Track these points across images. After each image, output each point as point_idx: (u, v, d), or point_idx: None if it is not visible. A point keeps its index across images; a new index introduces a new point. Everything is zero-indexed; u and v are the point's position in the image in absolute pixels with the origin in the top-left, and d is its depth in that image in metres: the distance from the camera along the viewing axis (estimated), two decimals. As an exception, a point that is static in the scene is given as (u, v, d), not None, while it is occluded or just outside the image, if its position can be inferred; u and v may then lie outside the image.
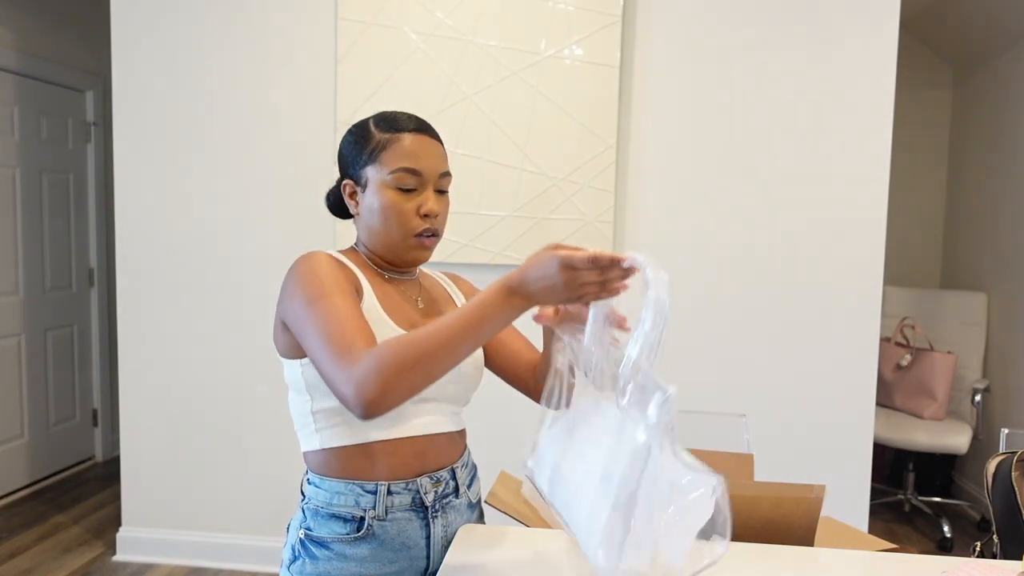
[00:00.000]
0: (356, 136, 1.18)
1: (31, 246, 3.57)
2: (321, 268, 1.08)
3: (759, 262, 2.59)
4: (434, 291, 1.27)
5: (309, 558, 1.12)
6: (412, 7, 2.58)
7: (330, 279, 1.06)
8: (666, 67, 2.58)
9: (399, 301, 1.17)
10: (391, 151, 1.13)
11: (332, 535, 1.11)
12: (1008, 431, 2.09)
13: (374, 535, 1.11)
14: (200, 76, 2.73)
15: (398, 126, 1.15)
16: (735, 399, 2.61)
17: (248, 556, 2.82)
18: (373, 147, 1.15)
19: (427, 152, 1.15)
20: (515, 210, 2.60)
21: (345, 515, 1.11)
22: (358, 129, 1.19)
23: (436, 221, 1.16)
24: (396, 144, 1.14)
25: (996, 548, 1.58)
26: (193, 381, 2.81)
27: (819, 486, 1.17)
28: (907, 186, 3.98)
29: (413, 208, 1.14)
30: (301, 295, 1.05)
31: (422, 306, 1.21)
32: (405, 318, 1.15)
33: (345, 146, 1.20)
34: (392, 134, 1.14)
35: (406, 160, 1.13)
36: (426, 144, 1.15)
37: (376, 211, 1.14)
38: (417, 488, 1.14)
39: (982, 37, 3.61)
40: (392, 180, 1.13)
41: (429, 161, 1.15)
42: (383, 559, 1.12)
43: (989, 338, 3.58)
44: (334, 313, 1.00)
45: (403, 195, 1.13)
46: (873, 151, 2.52)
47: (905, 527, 3.41)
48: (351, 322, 0.99)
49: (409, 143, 1.14)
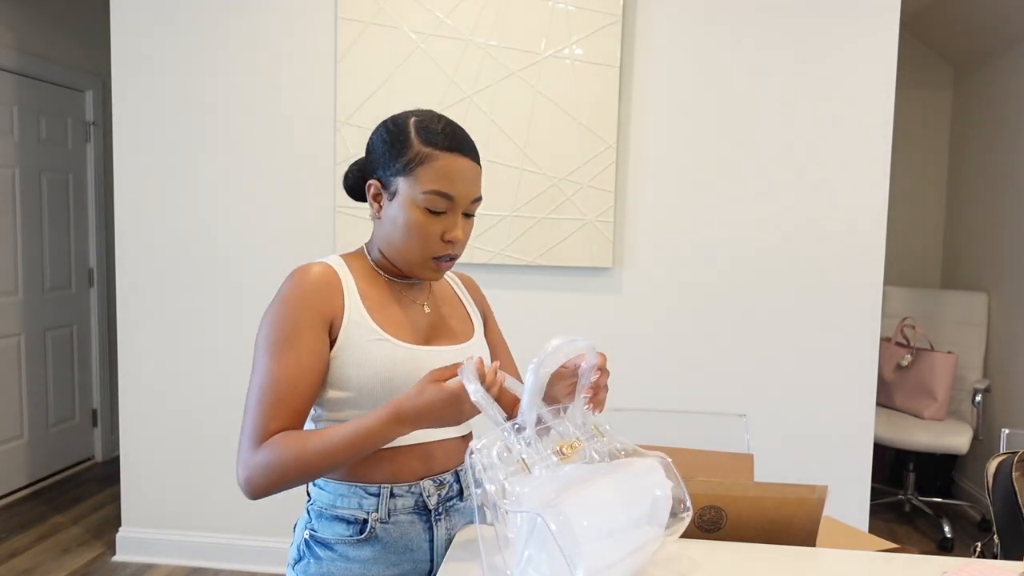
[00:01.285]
0: (393, 138, 1.12)
1: (31, 246, 3.57)
2: (291, 305, 1.08)
3: (759, 262, 2.59)
4: (442, 294, 1.26)
5: (313, 559, 1.12)
6: (412, 7, 2.58)
7: (292, 322, 1.06)
8: (666, 67, 2.58)
9: (402, 309, 1.16)
10: (428, 168, 1.08)
11: (336, 537, 1.12)
12: (1008, 431, 2.09)
13: (377, 538, 1.11)
14: (200, 76, 2.73)
15: (440, 142, 1.09)
16: (735, 399, 2.61)
17: (248, 556, 2.82)
18: (410, 159, 1.09)
19: (464, 176, 1.10)
20: (515, 210, 2.60)
21: (348, 517, 1.11)
22: (397, 130, 1.12)
23: (458, 247, 1.13)
24: (435, 162, 1.08)
25: (996, 548, 1.58)
26: (193, 381, 2.81)
27: (821, 487, 1.17)
28: (907, 186, 3.98)
29: (438, 232, 1.10)
30: (262, 332, 1.08)
31: (428, 311, 1.20)
32: (405, 328, 1.14)
33: (379, 143, 1.14)
34: (432, 149, 1.09)
35: (441, 183, 1.08)
36: (464, 167, 1.10)
37: (400, 226, 1.10)
38: (420, 491, 1.13)
39: (982, 37, 3.61)
40: (423, 200, 1.08)
41: (464, 186, 1.10)
42: (386, 561, 1.12)
43: (989, 338, 3.58)
44: (271, 379, 1.05)
45: (431, 217, 1.09)
46: (873, 151, 2.52)
47: (905, 527, 3.41)
48: (278, 396, 1.04)
49: (448, 164, 1.09)
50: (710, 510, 1.19)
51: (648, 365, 2.65)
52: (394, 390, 1.09)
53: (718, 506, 1.19)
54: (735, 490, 1.18)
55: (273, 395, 1.04)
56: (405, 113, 1.15)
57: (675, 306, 2.63)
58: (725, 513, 1.19)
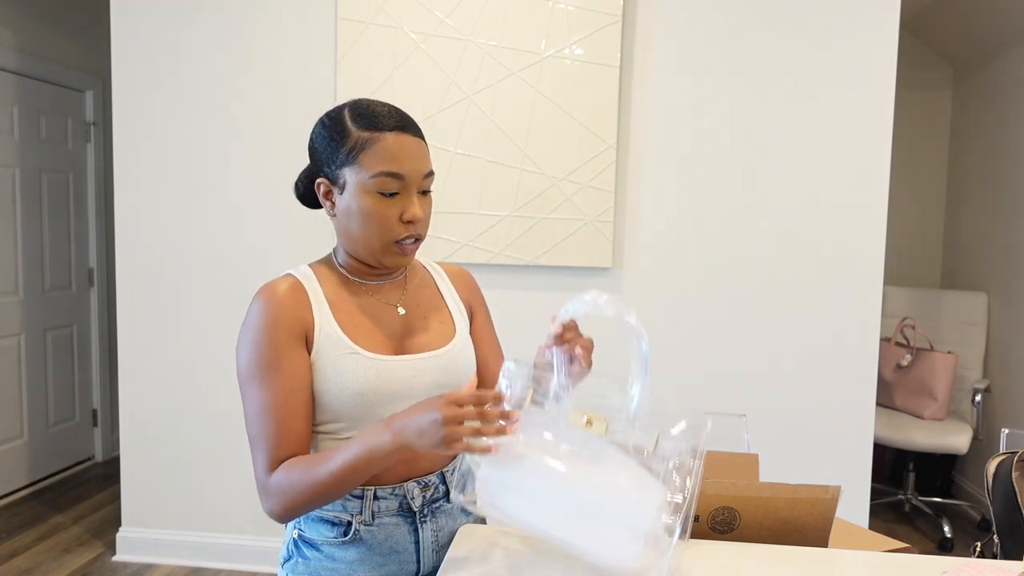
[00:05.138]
0: (331, 131, 1.09)
1: (31, 246, 3.57)
2: (265, 329, 1.05)
3: (759, 262, 2.59)
4: (420, 293, 1.21)
5: (301, 558, 1.13)
6: (412, 7, 2.58)
7: (271, 347, 1.05)
8: (666, 67, 2.58)
9: (373, 315, 1.13)
10: (371, 152, 1.05)
11: (322, 538, 1.12)
12: (1008, 431, 2.09)
13: (361, 540, 1.11)
14: (200, 76, 2.73)
15: (378, 123, 1.06)
16: (735, 399, 2.60)
17: (248, 556, 2.82)
18: (351, 147, 1.06)
19: (410, 153, 1.07)
20: (515, 210, 2.60)
21: (332, 519, 1.11)
22: (332, 123, 1.09)
23: (419, 226, 1.10)
24: (376, 144, 1.05)
25: (996, 548, 1.58)
26: (193, 381, 2.81)
27: (835, 487, 1.17)
28: (907, 186, 3.98)
29: (395, 214, 1.07)
30: (243, 362, 1.07)
31: (403, 312, 1.16)
32: (375, 337, 1.11)
33: (318, 140, 1.11)
34: (372, 132, 1.05)
35: (388, 163, 1.05)
36: (408, 143, 1.07)
37: (355, 216, 1.07)
38: (404, 493, 1.13)
39: (982, 37, 3.61)
40: (373, 184, 1.05)
41: (412, 163, 1.07)
42: (372, 563, 1.11)
43: (989, 338, 3.58)
44: (265, 407, 1.04)
45: (385, 200, 1.06)
46: (873, 151, 2.52)
47: (905, 527, 3.41)
48: (277, 423, 1.04)
49: (391, 143, 1.05)
50: (723, 511, 1.19)
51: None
52: (367, 403, 1.08)
53: (731, 507, 1.19)
54: (748, 491, 1.19)
55: (274, 423, 1.04)
56: (339, 105, 1.12)
57: (675, 306, 2.63)
58: (738, 514, 1.19)
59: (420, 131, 1.11)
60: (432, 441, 0.92)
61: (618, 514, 0.93)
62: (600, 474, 0.95)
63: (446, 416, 0.91)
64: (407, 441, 0.95)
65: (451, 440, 0.91)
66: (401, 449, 0.96)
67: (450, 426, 0.91)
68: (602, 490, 0.94)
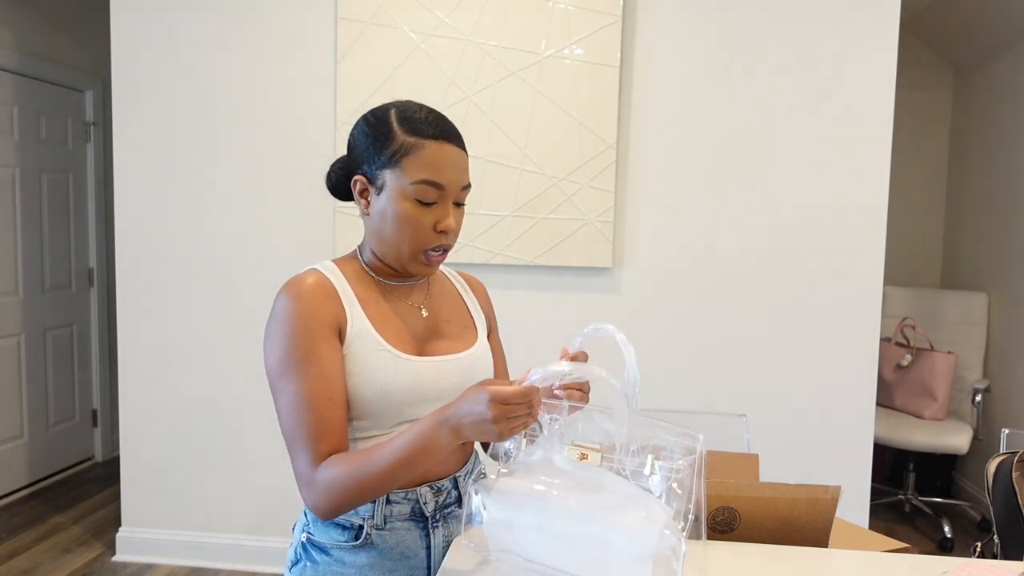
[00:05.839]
0: (376, 131, 1.08)
1: (30, 246, 3.57)
2: (298, 320, 1.04)
3: (759, 262, 2.59)
4: (443, 298, 1.22)
5: (310, 562, 1.12)
6: (412, 7, 2.58)
7: (306, 338, 1.03)
8: (666, 67, 2.58)
9: (399, 315, 1.14)
10: (414, 159, 1.05)
11: (332, 541, 1.11)
12: (1008, 431, 2.08)
13: (373, 544, 1.10)
14: (200, 76, 2.73)
15: (424, 130, 1.07)
16: (735, 399, 2.60)
17: (248, 556, 2.82)
18: (395, 150, 1.06)
19: (452, 164, 1.07)
20: (515, 210, 2.60)
21: (344, 523, 1.10)
22: (378, 123, 1.09)
23: (451, 237, 1.11)
24: (420, 151, 1.05)
25: (996, 548, 1.58)
26: (193, 381, 2.81)
27: (835, 487, 1.17)
28: (907, 186, 3.98)
29: (430, 223, 1.08)
30: (275, 356, 1.04)
31: (426, 314, 1.17)
32: (403, 336, 1.12)
33: (361, 137, 1.10)
34: (417, 139, 1.06)
35: (430, 172, 1.05)
36: (451, 154, 1.08)
37: (390, 219, 1.07)
38: (417, 497, 1.12)
39: (982, 37, 3.61)
40: (413, 191, 1.06)
41: (453, 174, 1.08)
42: (382, 568, 1.11)
43: (989, 338, 3.58)
44: (304, 398, 1.02)
45: (422, 208, 1.07)
46: (873, 151, 2.52)
47: (905, 527, 3.41)
48: (317, 413, 1.02)
49: (435, 152, 1.06)
50: (723, 511, 1.19)
51: (647, 365, 2.64)
52: (392, 402, 1.07)
53: (731, 507, 1.19)
54: (748, 491, 1.18)
55: (313, 413, 1.01)
56: (385, 105, 1.12)
57: (675, 306, 2.63)
58: (738, 514, 1.19)
59: (463, 142, 1.12)
60: (488, 436, 0.95)
61: (624, 541, 0.93)
62: (602, 503, 0.96)
63: (495, 415, 0.92)
64: (465, 435, 0.96)
65: (506, 435, 0.95)
66: (458, 440, 0.97)
67: (500, 424, 0.93)
68: (606, 519, 0.94)
